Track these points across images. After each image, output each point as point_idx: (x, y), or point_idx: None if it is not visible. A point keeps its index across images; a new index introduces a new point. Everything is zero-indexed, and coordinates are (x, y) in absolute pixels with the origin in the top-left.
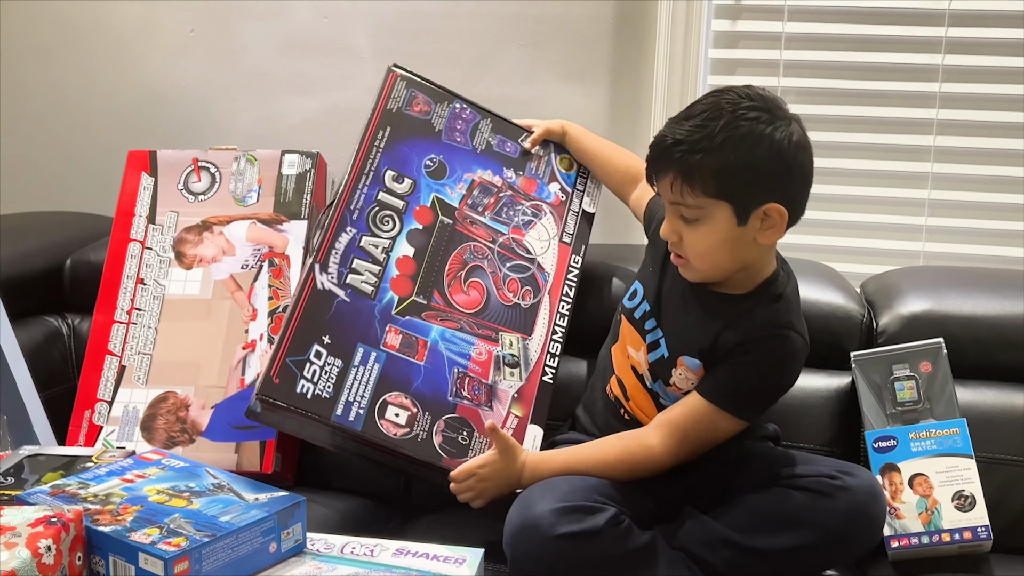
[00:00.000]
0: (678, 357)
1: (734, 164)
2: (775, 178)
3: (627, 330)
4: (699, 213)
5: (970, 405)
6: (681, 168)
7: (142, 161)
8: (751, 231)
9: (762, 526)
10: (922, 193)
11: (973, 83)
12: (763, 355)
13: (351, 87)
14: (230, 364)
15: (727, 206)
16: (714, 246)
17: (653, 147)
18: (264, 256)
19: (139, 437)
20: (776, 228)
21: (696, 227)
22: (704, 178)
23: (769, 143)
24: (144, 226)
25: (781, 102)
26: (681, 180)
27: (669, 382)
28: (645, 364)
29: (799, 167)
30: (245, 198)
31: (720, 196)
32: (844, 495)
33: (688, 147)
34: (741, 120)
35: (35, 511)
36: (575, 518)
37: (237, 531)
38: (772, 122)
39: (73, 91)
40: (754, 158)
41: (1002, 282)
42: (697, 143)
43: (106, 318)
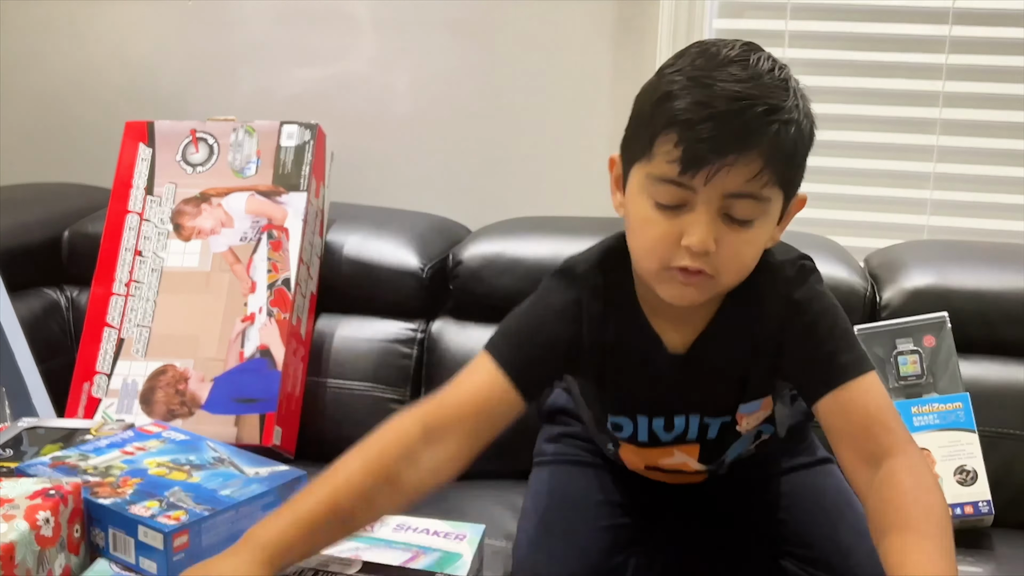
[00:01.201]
0: (736, 414)
1: (804, 144)
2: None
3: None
4: (760, 212)
5: (973, 380)
6: (773, 147)
7: (139, 132)
8: (777, 227)
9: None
10: (927, 167)
11: (980, 54)
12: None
13: (351, 58)
14: (229, 337)
15: (781, 196)
16: (758, 251)
17: (725, 116)
18: (263, 228)
19: (138, 410)
20: (790, 218)
21: (747, 230)
22: (783, 166)
23: (812, 118)
24: (142, 198)
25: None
26: (764, 165)
27: (738, 433)
28: (694, 457)
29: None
30: (244, 170)
31: (782, 186)
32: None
33: (787, 116)
34: (798, 88)
35: (34, 483)
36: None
37: (237, 505)
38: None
39: (71, 62)
40: (809, 139)
41: (1007, 256)
42: (791, 111)
43: (104, 290)
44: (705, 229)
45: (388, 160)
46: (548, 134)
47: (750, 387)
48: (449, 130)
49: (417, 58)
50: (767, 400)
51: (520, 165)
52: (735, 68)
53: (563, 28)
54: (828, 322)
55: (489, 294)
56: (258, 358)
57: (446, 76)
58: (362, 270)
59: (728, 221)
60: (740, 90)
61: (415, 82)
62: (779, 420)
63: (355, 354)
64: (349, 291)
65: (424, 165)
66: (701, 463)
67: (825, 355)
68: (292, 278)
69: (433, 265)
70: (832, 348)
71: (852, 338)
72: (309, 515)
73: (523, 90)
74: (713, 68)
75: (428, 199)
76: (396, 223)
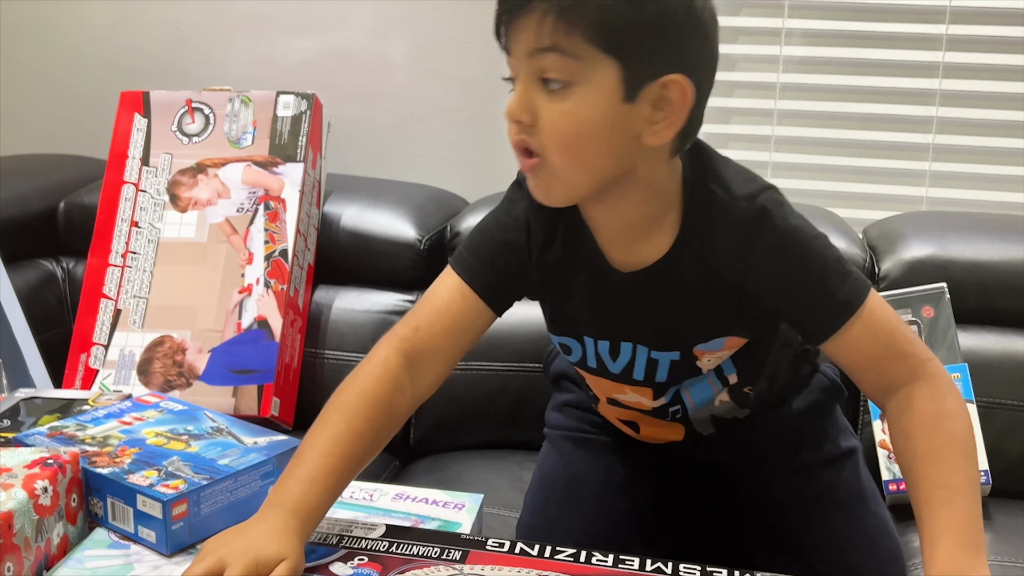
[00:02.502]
0: (692, 350)
1: (635, 6)
2: (684, 38)
3: (595, 381)
4: (573, 72)
5: (971, 350)
6: (560, 9)
7: (135, 102)
8: (637, 118)
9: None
10: (926, 138)
11: (980, 25)
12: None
13: (348, 28)
14: (227, 308)
15: (615, 66)
16: (586, 128)
17: None
18: (260, 199)
19: (136, 381)
20: (673, 118)
21: (564, 96)
22: (590, 17)
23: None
24: (138, 168)
25: None
26: (557, 14)
27: (697, 369)
28: (648, 397)
29: (709, 36)
30: (240, 140)
31: (609, 49)
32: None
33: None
34: None
35: (32, 452)
36: None
37: (236, 474)
38: None
39: (66, 32)
40: (659, 4)
41: (1005, 227)
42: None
43: (101, 261)
44: (517, 95)
45: (385, 131)
46: None
47: (706, 326)
48: (447, 101)
49: (415, 27)
50: (732, 340)
51: None
52: None
53: None
54: (810, 259)
55: None
56: (255, 329)
57: (444, 46)
58: (359, 242)
59: (548, 86)
60: None
61: (413, 52)
62: (769, 372)
63: (352, 326)
64: (346, 263)
65: (422, 136)
66: (656, 400)
67: (821, 297)
68: (289, 249)
69: (431, 237)
70: (825, 287)
71: (841, 264)
72: (326, 470)
73: None
74: None
75: (425, 171)
76: (393, 194)
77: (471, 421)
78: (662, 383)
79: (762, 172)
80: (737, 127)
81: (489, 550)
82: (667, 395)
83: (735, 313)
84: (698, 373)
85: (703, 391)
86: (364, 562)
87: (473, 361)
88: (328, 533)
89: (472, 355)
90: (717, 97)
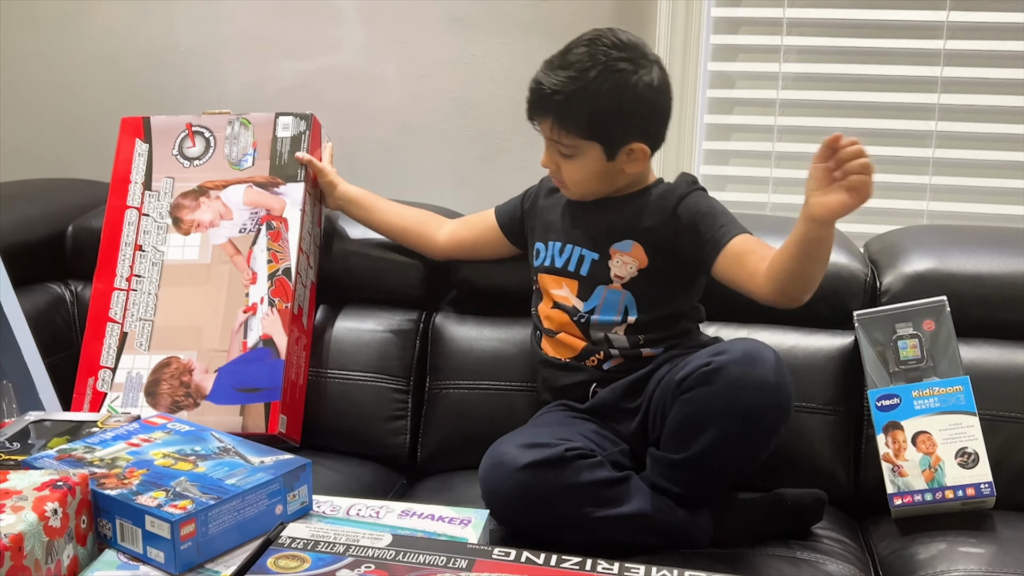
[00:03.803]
0: (608, 248)
1: (604, 111)
2: (640, 120)
3: (545, 281)
4: (574, 151)
5: (973, 363)
6: (559, 115)
7: (135, 127)
8: (619, 164)
9: (682, 439)
10: (926, 152)
11: (977, 40)
12: (705, 198)
13: (343, 49)
14: (232, 328)
15: (598, 146)
16: (587, 176)
17: (533, 92)
18: (262, 219)
19: (144, 403)
20: (639, 161)
21: (572, 161)
22: (578, 123)
23: (634, 90)
24: (140, 192)
25: (644, 46)
26: (559, 125)
27: (610, 279)
28: (573, 293)
29: (660, 108)
30: (240, 162)
31: (592, 138)
32: (720, 376)
33: (564, 96)
34: (611, 71)
35: (41, 475)
36: (537, 451)
37: (243, 494)
38: (637, 70)
39: (68, 58)
40: (622, 105)
41: (1006, 240)
42: (573, 93)
43: (106, 285)
44: (546, 156)
45: (385, 151)
46: None
47: (618, 229)
48: (447, 122)
49: (412, 49)
50: (637, 247)
51: (516, 156)
52: (551, 61)
53: (562, 19)
54: (706, 206)
55: (490, 285)
56: (261, 348)
57: (442, 68)
58: (363, 261)
59: (561, 155)
60: (541, 78)
61: (410, 73)
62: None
63: (357, 345)
64: (350, 282)
65: (419, 155)
66: (579, 298)
67: (713, 218)
68: (292, 267)
69: None
70: (711, 221)
71: (726, 215)
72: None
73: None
74: (548, 60)
75: (424, 189)
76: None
77: (478, 440)
78: (584, 276)
79: (763, 187)
80: (738, 143)
81: (495, 559)
82: (587, 302)
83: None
84: (609, 280)
85: (609, 311)
86: (371, 569)
87: (480, 380)
88: (335, 542)
89: (478, 374)
90: (718, 114)
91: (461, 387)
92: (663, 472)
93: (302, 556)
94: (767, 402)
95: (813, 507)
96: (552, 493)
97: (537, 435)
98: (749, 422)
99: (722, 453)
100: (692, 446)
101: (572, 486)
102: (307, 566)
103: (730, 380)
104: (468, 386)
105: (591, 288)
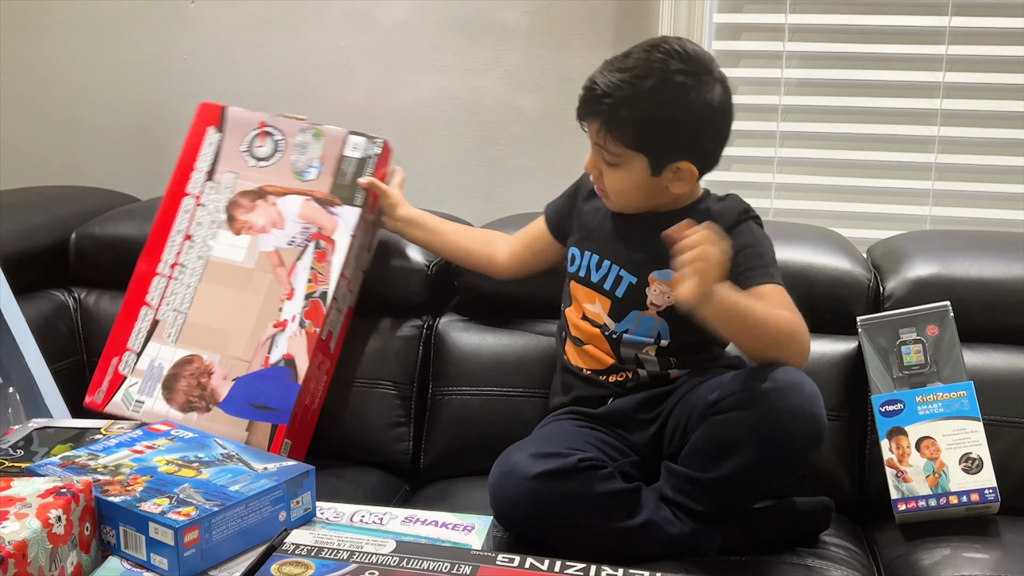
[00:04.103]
0: (648, 275)
1: (654, 122)
2: (691, 139)
3: (577, 291)
4: (618, 160)
5: (977, 368)
6: (607, 119)
7: (212, 115)
8: (664, 181)
9: (709, 459)
10: (929, 157)
11: (979, 45)
12: (749, 234)
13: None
14: (259, 339)
15: (643, 158)
16: (629, 188)
17: (585, 91)
18: (312, 236)
19: (159, 395)
20: (686, 181)
21: (615, 170)
22: (626, 131)
23: (689, 106)
24: (203, 182)
25: (710, 61)
26: (606, 130)
27: (646, 305)
28: (605, 311)
29: (716, 130)
30: (304, 172)
31: (638, 149)
32: (758, 403)
33: (615, 101)
34: (668, 83)
35: (45, 482)
36: (549, 460)
37: (246, 500)
38: (697, 86)
39: (73, 64)
40: (674, 119)
41: (1009, 245)
42: (624, 100)
43: (149, 268)
44: (589, 158)
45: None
46: (549, 132)
47: (662, 257)
48: (451, 128)
49: (419, 57)
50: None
51: (521, 163)
52: (611, 61)
53: (563, 24)
54: (763, 241)
55: (493, 291)
56: (281, 367)
57: (448, 74)
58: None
59: (605, 162)
60: (596, 78)
61: (417, 81)
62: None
63: (361, 351)
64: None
65: (426, 163)
66: (611, 318)
67: (748, 260)
68: (330, 292)
69: (438, 263)
70: (761, 256)
71: (764, 256)
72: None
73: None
74: (608, 64)
75: (432, 197)
76: None
77: (482, 446)
78: (619, 298)
79: (766, 193)
80: (740, 149)
81: (499, 565)
82: (619, 323)
83: None
84: (644, 308)
85: (642, 333)
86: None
87: (484, 386)
88: (339, 548)
89: (483, 380)
90: None
91: (464, 393)
92: (681, 487)
93: (306, 563)
94: (803, 433)
95: (821, 515)
96: (562, 503)
97: (549, 444)
98: (782, 450)
99: (748, 476)
100: (720, 467)
101: (582, 496)
102: (311, 573)
103: (769, 407)
104: (471, 392)
105: (625, 311)
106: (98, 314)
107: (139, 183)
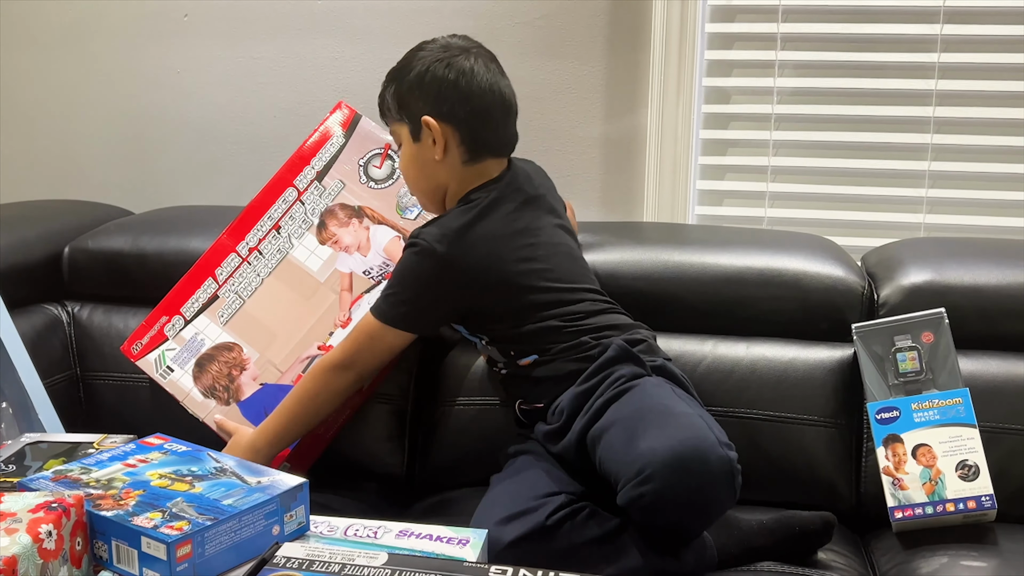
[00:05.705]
0: None
1: (400, 88)
2: (427, 94)
3: None
4: (397, 137)
5: (973, 375)
6: (380, 103)
7: (346, 118)
8: (427, 148)
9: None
10: (922, 165)
11: (971, 53)
12: (399, 264)
13: (339, 70)
14: (300, 355)
15: (405, 125)
16: (408, 165)
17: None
18: (387, 276)
19: (191, 369)
20: (440, 144)
21: (401, 152)
22: (388, 106)
23: (423, 68)
24: (311, 179)
25: (471, 44)
26: (382, 115)
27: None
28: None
29: (450, 86)
30: (407, 210)
31: (399, 118)
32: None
33: (383, 87)
34: (413, 59)
35: (36, 497)
36: (517, 523)
37: (240, 514)
38: (440, 55)
39: (68, 79)
40: (412, 81)
41: (1003, 252)
42: (387, 83)
43: (230, 243)
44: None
45: None
46: (542, 135)
47: None
48: None
49: None
50: None
51: None
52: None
53: (556, 37)
54: (394, 276)
55: None
56: None
57: None
58: None
59: (395, 148)
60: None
61: None
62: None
63: None
64: None
65: None
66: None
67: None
68: None
69: None
70: (387, 288)
71: (396, 301)
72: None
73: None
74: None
75: None
76: None
77: (475, 458)
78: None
79: (759, 202)
80: (733, 158)
81: None
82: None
83: None
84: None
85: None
86: None
87: (476, 397)
88: (330, 561)
89: (475, 392)
90: (713, 129)
91: (458, 405)
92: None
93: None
94: (709, 505)
95: (821, 531)
96: (550, 562)
97: (514, 500)
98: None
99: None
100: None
101: (566, 552)
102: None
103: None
104: (465, 403)
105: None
106: (91, 328)
107: (132, 197)
